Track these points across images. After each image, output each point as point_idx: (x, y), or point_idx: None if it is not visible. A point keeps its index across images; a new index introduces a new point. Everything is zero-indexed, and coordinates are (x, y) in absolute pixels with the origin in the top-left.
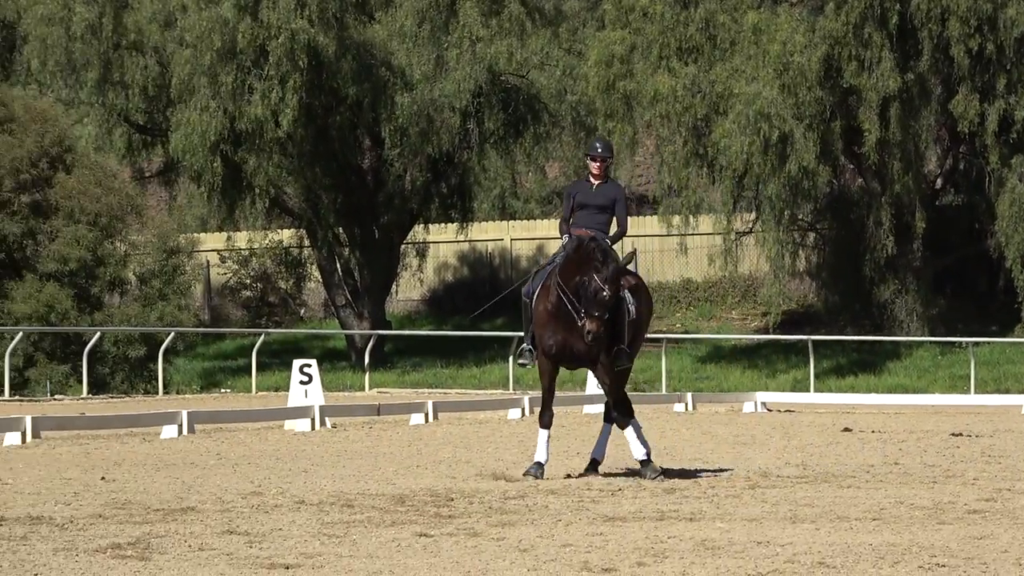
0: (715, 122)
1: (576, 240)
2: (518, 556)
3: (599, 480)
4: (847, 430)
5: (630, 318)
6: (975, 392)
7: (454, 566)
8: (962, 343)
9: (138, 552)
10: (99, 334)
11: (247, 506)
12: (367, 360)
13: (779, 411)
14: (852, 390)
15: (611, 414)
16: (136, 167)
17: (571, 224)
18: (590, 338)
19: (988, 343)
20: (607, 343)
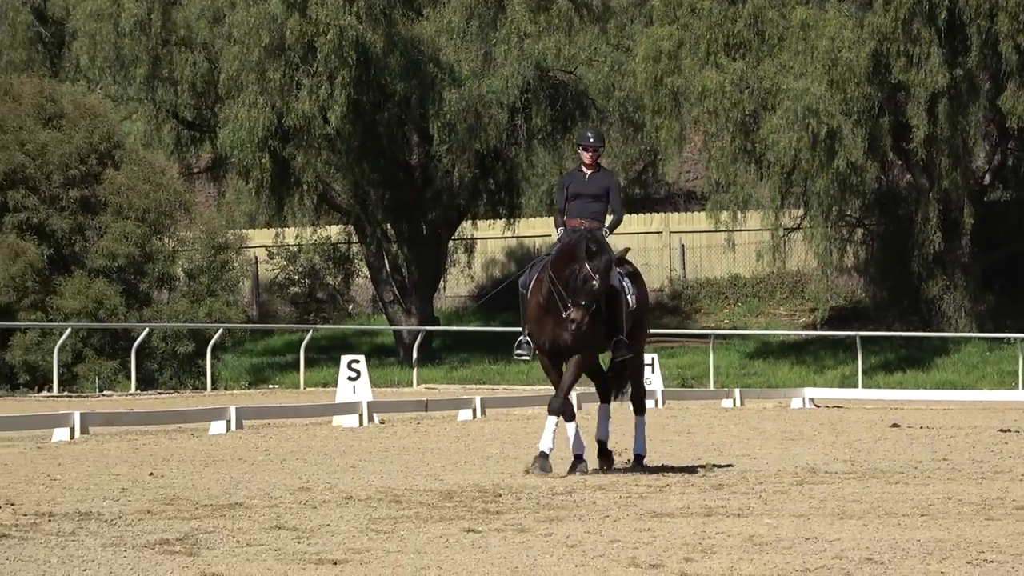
0: (763, 118)
1: (570, 232)
2: (566, 552)
3: (647, 476)
4: (895, 426)
5: (629, 308)
6: (1023, 388)
7: (502, 562)
8: (1010, 339)
9: (186, 548)
10: (147, 330)
11: (295, 502)
12: (415, 356)
13: (827, 407)
14: (900, 386)
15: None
16: (184, 163)
17: (565, 215)
18: (573, 327)
19: None
20: (604, 333)
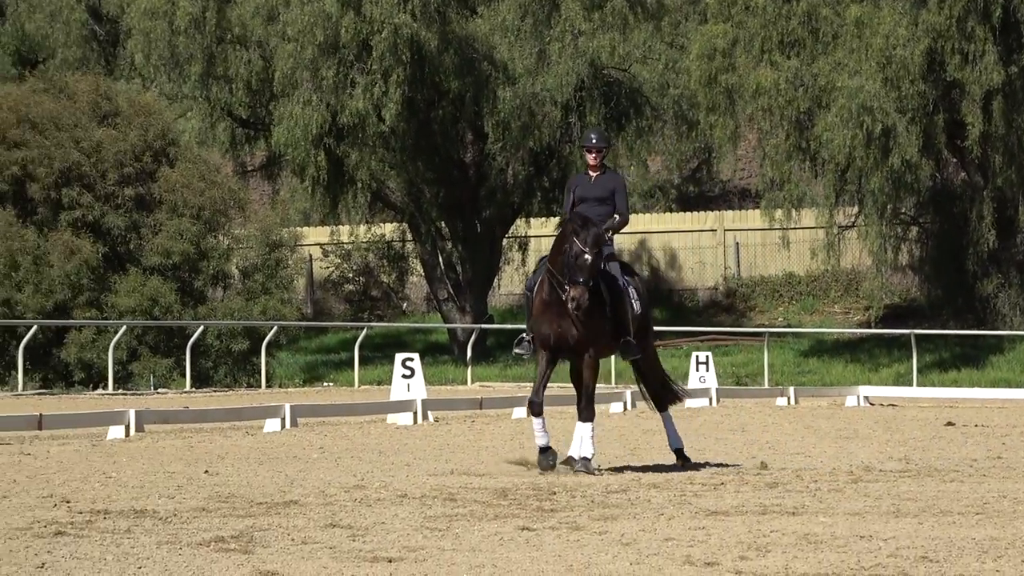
0: (817, 115)
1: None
2: (620, 550)
3: (701, 474)
4: (950, 424)
5: (635, 312)
6: None
7: (556, 560)
8: None
9: (241, 545)
10: (202, 328)
11: (350, 499)
12: (469, 354)
13: (882, 405)
14: (955, 384)
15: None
16: (239, 161)
17: None
18: (573, 305)
19: None
20: (611, 332)
